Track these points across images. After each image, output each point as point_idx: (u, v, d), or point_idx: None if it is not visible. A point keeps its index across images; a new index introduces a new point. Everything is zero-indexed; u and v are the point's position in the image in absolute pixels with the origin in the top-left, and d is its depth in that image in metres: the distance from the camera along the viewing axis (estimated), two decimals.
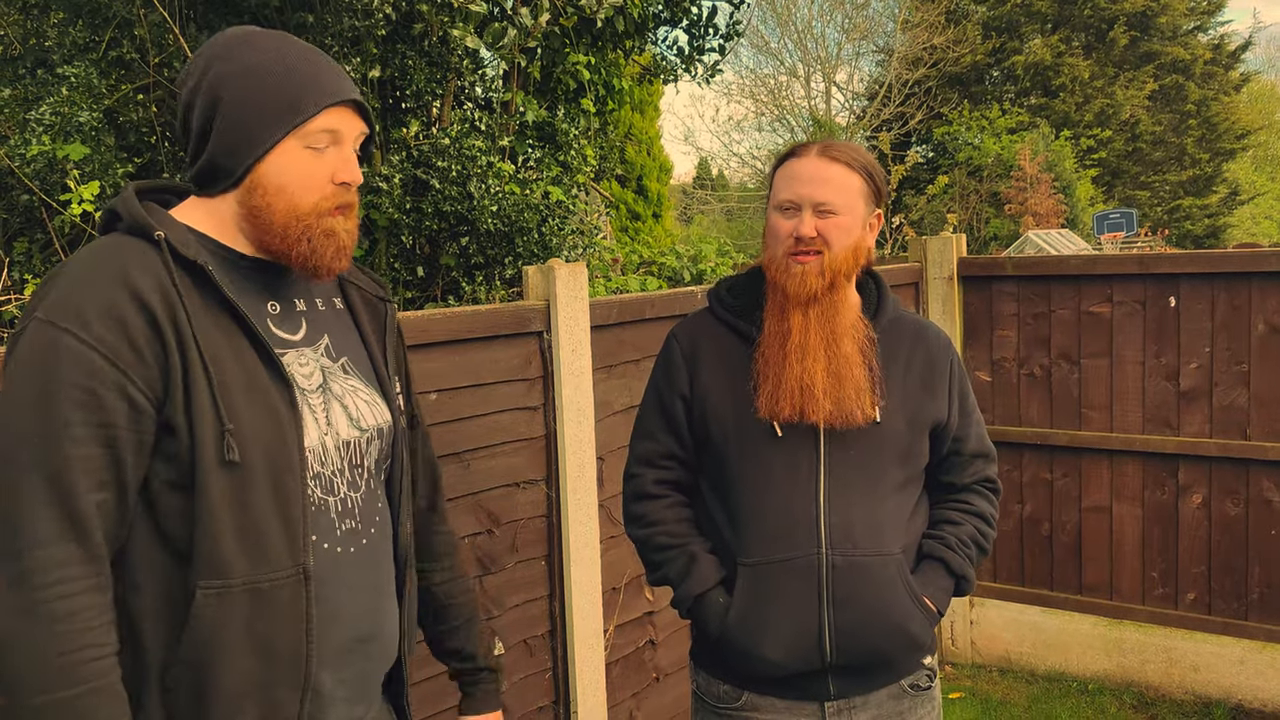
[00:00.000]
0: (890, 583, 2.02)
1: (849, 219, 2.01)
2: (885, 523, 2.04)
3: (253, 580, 1.47)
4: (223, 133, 1.53)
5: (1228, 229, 26.05)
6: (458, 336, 3.00)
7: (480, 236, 4.12)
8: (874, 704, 2.09)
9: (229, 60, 1.54)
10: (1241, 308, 4.36)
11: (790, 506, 2.01)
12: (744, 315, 2.13)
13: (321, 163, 1.55)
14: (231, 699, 1.47)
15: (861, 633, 2.01)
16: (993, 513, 2.21)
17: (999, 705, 4.66)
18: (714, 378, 2.10)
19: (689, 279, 4.77)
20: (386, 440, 1.69)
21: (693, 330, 2.18)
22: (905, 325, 2.17)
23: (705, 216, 27.30)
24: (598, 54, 4.80)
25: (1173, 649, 4.63)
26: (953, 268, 4.94)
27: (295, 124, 1.52)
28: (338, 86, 1.56)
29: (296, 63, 1.55)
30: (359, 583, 1.61)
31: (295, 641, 1.51)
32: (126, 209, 1.53)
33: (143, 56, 4.06)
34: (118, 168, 3.74)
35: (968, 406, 2.20)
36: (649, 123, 14.21)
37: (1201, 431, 4.48)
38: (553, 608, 3.35)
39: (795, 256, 2.01)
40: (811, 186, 1.99)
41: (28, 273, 3.85)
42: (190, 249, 1.50)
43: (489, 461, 3.13)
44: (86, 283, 1.44)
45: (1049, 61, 23.29)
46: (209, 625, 1.45)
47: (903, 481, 2.09)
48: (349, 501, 1.61)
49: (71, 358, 1.39)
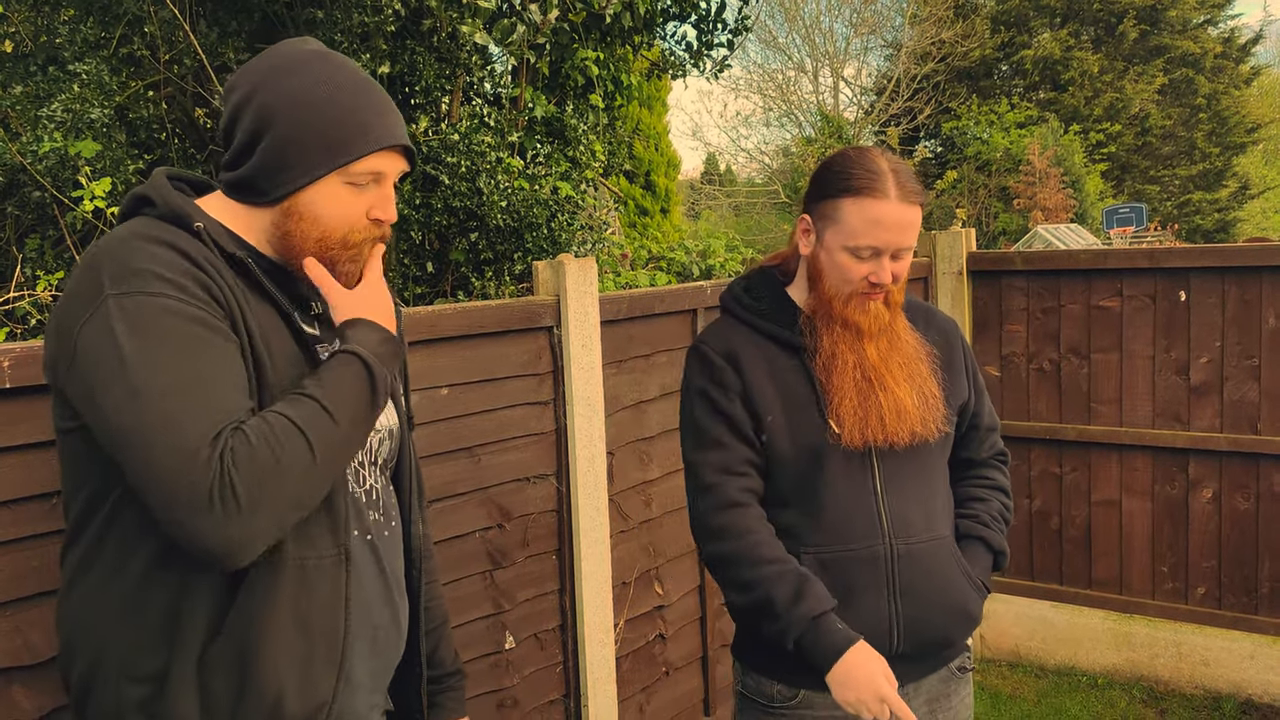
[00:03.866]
0: (946, 565, 2.06)
1: (911, 251, 2.03)
2: (932, 506, 2.09)
3: (300, 558, 1.49)
4: (267, 155, 1.52)
5: (1238, 223, 25.97)
6: (468, 332, 3.00)
7: (489, 232, 4.13)
8: (925, 688, 2.12)
9: (287, 81, 1.52)
10: (1252, 302, 4.35)
11: (852, 503, 2.02)
12: (775, 320, 2.09)
13: (361, 199, 1.56)
14: (272, 675, 1.47)
15: (926, 619, 2.03)
16: (1008, 485, 2.26)
17: (1008, 699, 4.66)
18: (761, 384, 2.04)
19: (698, 274, 4.78)
20: (395, 440, 1.72)
21: (725, 337, 2.11)
22: (916, 310, 2.19)
23: (713, 212, 27.30)
24: (606, 49, 4.80)
25: (1182, 643, 4.63)
26: (962, 262, 4.93)
27: (341, 164, 1.52)
28: (390, 132, 1.56)
29: (353, 100, 1.53)
30: (382, 573, 1.65)
31: (334, 621, 1.53)
32: (161, 195, 1.51)
33: (153, 53, 4.07)
34: (129, 164, 3.75)
35: (979, 383, 2.26)
36: (657, 118, 14.21)
37: (1212, 426, 4.47)
38: (563, 602, 3.36)
39: (867, 296, 2.00)
40: (896, 234, 1.95)
41: (40, 269, 3.87)
42: (228, 242, 1.50)
43: (500, 456, 3.14)
44: (140, 253, 1.41)
45: (1058, 55, 23.23)
46: (259, 599, 1.46)
47: (940, 463, 2.15)
48: (374, 493, 1.65)
49: (181, 314, 1.38)
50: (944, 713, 2.14)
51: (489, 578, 3.12)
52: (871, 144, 20.70)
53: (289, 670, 1.49)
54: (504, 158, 4.13)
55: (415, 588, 1.77)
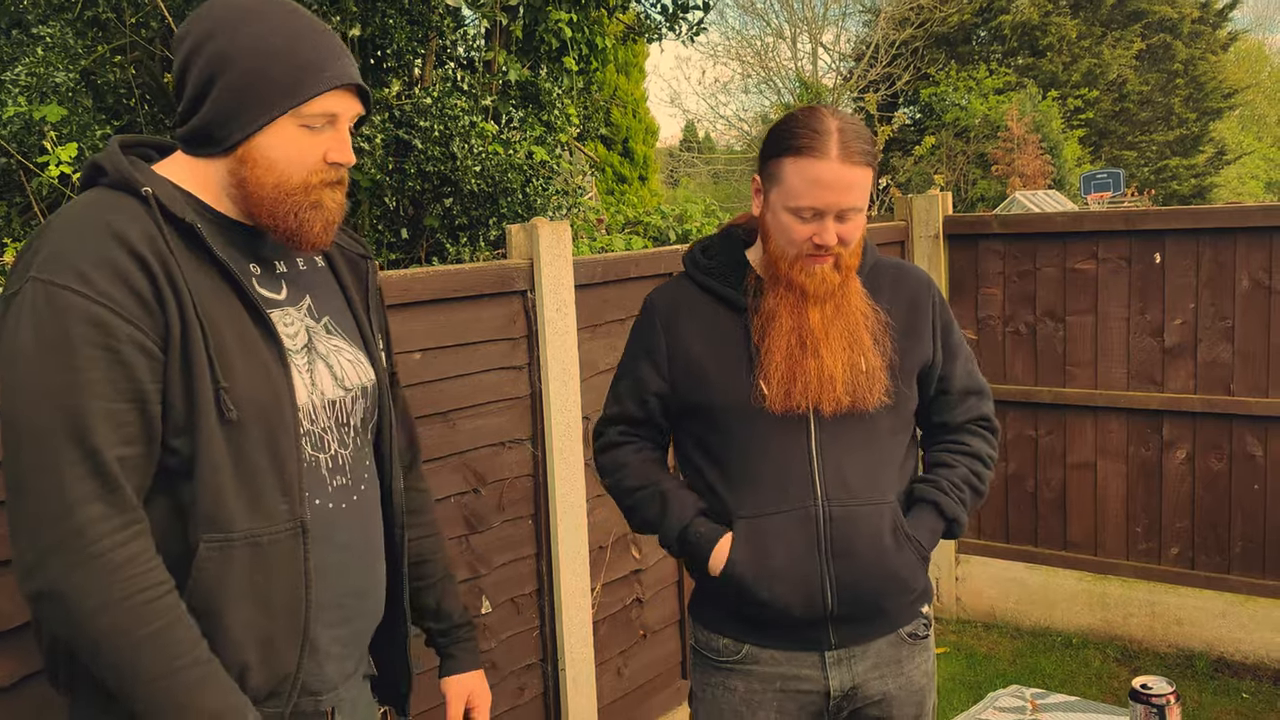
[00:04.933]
0: (885, 531, 2.02)
1: (863, 214, 1.99)
2: (879, 471, 2.05)
3: (253, 534, 1.48)
4: (219, 102, 1.50)
5: (1214, 189, 26.07)
6: (441, 296, 2.98)
7: (464, 197, 4.09)
8: (873, 652, 2.10)
9: (235, 29, 1.51)
10: (1226, 264, 4.37)
11: (784, 461, 2.01)
12: (723, 278, 2.10)
13: (315, 141, 1.54)
14: (234, 651, 1.47)
15: (860, 583, 2.01)
16: (990, 453, 2.18)
17: (984, 659, 4.71)
18: (697, 347, 2.07)
19: (674, 239, 4.76)
20: (372, 398, 1.69)
21: (672, 296, 2.14)
22: (884, 271, 2.15)
23: (692, 179, 27.21)
24: (580, 12, 4.75)
25: (1156, 603, 4.68)
26: (938, 226, 4.93)
27: (293, 105, 1.50)
28: (341, 70, 1.54)
29: (302, 42, 1.52)
30: (350, 539, 1.62)
31: (294, 594, 1.52)
32: (112, 163, 1.50)
33: (119, 16, 4.01)
34: (96, 129, 3.70)
35: (952, 343, 2.18)
36: (634, 85, 14.13)
37: (1186, 387, 4.50)
38: (540, 566, 3.36)
39: (813, 258, 1.97)
40: (836, 194, 1.92)
41: (6, 236, 3.82)
42: (178, 206, 1.48)
43: (474, 421, 3.12)
44: (77, 237, 1.41)
45: (1036, 21, 23.18)
46: (212, 578, 1.45)
47: (893, 428, 2.09)
48: (339, 459, 1.62)
49: (80, 315, 1.37)
50: (895, 678, 2.11)
51: (465, 542, 3.12)
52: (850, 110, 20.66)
53: (250, 645, 1.49)
54: (478, 122, 4.09)
55: (398, 549, 1.75)
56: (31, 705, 2.12)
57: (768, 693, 2.08)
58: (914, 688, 2.14)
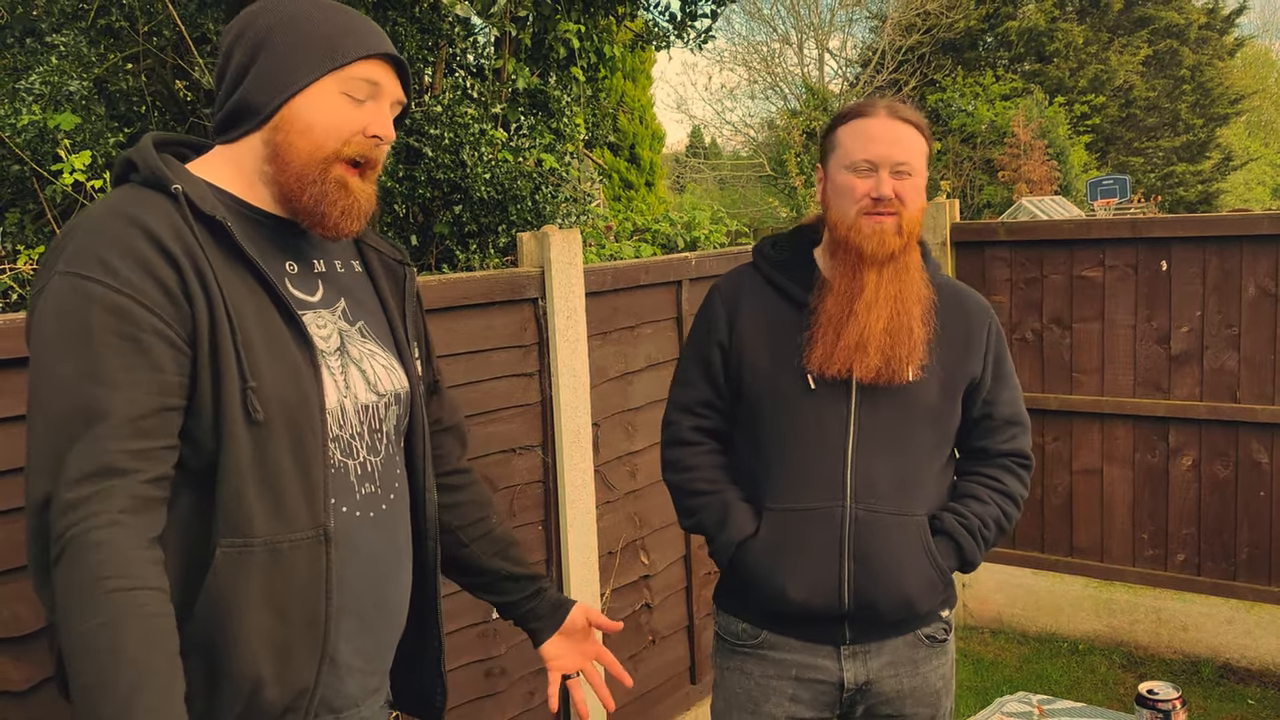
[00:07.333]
0: (909, 544, 2.04)
1: (920, 180, 2.04)
2: (912, 484, 2.06)
3: (273, 540, 1.43)
4: (262, 69, 1.51)
5: (1221, 195, 26.05)
6: (453, 303, 3.01)
7: (474, 204, 4.11)
8: (889, 650, 2.12)
9: (278, 10, 1.54)
10: (1233, 271, 4.38)
11: (818, 458, 2.04)
12: (789, 273, 2.14)
13: (359, 112, 1.53)
14: (247, 662, 1.42)
15: (876, 589, 2.03)
16: (1022, 493, 2.18)
17: (991, 665, 4.72)
18: (754, 332, 2.12)
19: (683, 246, 4.78)
20: (404, 406, 1.65)
21: (736, 284, 2.20)
22: (944, 290, 2.16)
23: (698, 185, 27.24)
24: (589, 20, 4.77)
25: (1162, 609, 4.69)
26: (945, 233, 4.95)
27: (334, 66, 1.50)
28: (379, 41, 1.55)
29: (343, 14, 1.55)
30: (377, 549, 1.57)
31: (314, 604, 1.47)
32: (143, 160, 1.48)
33: (132, 25, 4.04)
34: (109, 137, 3.73)
35: (1004, 371, 2.18)
36: (641, 91, 14.16)
37: (1192, 394, 4.51)
38: (549, 572, 3.38)
39: (872, 216, 2.00)
40: (889, 147, 2.00)
41: (20, 244, 3.85)
42: (208, 204, 1.46)
43: (485, 428, 3.15)
44: (104, 231, 1.40)
45: (1043, 27, 23.19)
46: (227, 583, 1.41)
47: (934, 444, 2.10)
48: (369, 466, 1.57)
49: (102, 304, 1.35)
50: (910, 678, 2.13)
51: None
52: None
53: (265, 656, 1.44)
54: (487, 130, 4.11)
55: (430, 560, 1.70)
56: (46, 709, 2.14)
57: (783, 679, 2.13)
58: (929, 689, 2.16)
